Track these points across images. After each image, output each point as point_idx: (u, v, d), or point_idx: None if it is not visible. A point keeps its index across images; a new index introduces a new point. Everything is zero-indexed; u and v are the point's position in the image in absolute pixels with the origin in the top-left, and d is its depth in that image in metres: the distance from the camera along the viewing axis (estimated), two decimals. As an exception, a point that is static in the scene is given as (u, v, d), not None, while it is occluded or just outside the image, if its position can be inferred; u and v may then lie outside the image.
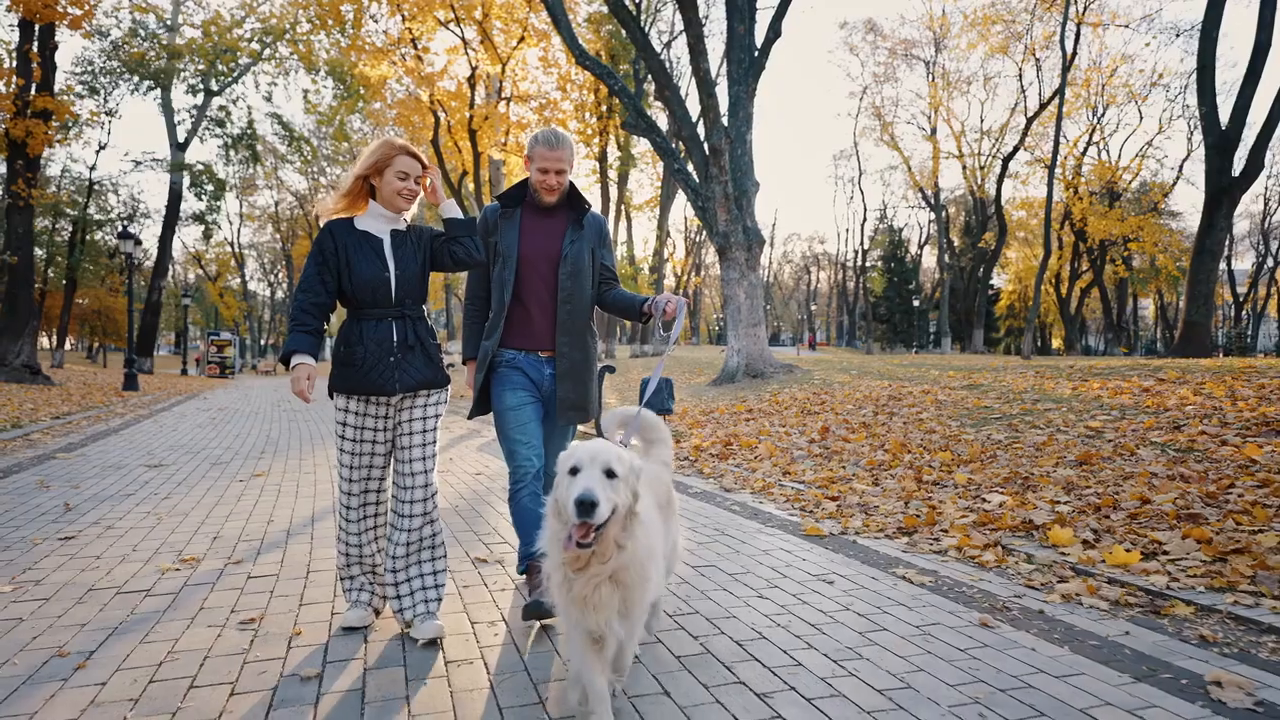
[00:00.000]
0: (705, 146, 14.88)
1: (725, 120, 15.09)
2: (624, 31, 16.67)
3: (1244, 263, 56.27)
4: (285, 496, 5.43)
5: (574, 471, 1.88)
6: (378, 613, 2.90)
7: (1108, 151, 42.22)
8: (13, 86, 17.87)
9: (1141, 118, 44.82)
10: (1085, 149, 40.21)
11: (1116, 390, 8.40)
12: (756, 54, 15.29)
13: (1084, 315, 58.95)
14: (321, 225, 2.83)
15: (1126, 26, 30.59)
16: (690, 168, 15.65)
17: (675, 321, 2.77)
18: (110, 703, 2.16)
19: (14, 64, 18.34)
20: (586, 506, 1.79)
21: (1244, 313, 51.61)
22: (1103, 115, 38.71)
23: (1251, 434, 5.71)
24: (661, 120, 26.14)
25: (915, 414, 8.52)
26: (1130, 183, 42.03)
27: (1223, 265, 51.40)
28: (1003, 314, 53.93)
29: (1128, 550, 3.64)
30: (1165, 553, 3.67)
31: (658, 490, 2.35)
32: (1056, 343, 53.35)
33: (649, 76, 16.94)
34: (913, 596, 3.19)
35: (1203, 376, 8.74)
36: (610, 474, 1.87)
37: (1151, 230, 38.17)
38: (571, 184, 3.06)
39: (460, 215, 2.84)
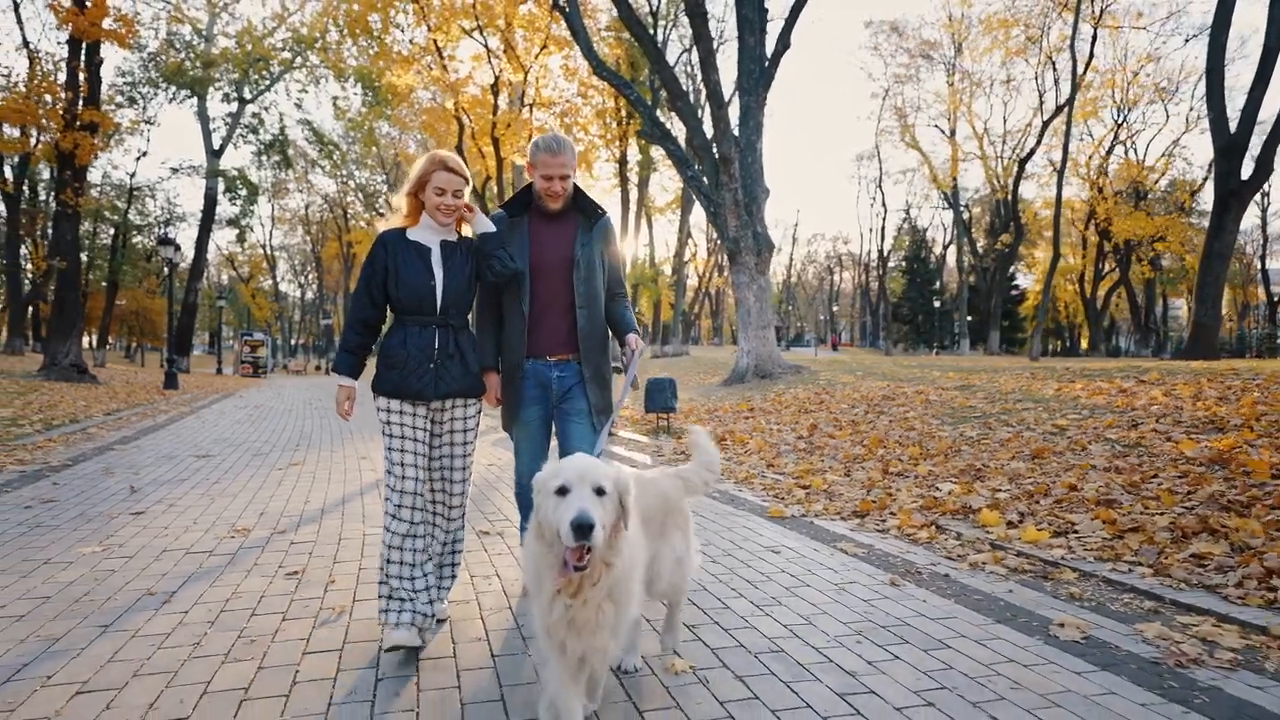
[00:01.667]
0: (716, 154, 15.45)
1: (736, 129, 15.67)
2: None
3: (1278, 262, 55.60)
4: (319, 482, 6.15)
5: (562, 491, 1.80)
6: (422, 631, 2.72)
7: (1134, 150, 42.07)
8: (61, 101, 18.91)
9: (1168, 117, 44.55)
10: (1110, 148, 40.13)
11: (1095, 391, 8.86)
12: (766, 64, 15.86)
13: (1113, 316, 58.57)
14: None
15: (1144, 29, 30.57)
16: (703, 174, 16.25)
17: (632, 361, 2.89)
18: (193, 624, 2.85)
19: (63, 79, 19.40)
20: (585, 529, 1.69)
21: (1279, 314, 50.94)
22: (1127, 114, 38.62)
23: (1197, 431, 6.19)
24: (679, 128, 26.74)
25: (903, 413, 9.06)
26: (1156, 182, 41.83)
27: (1256, 265, 50.90)
28: (1029, 314, 53.81)
29: (1040, 529, 4.21)
30: (1075, 532, 4.23)
31: (653, 503, 2.30)
32: (1086, 344, 53.11)
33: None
34: (842, 564, 3.79)
35: (1183, 378, 9.15)
36: (600, 491, 1.81)
37: (1178, 230, 37.97)
38: (577, 187, 3.06)
39: (491, 229, 2.90)
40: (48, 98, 19.57)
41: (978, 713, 2.20)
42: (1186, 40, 29.91)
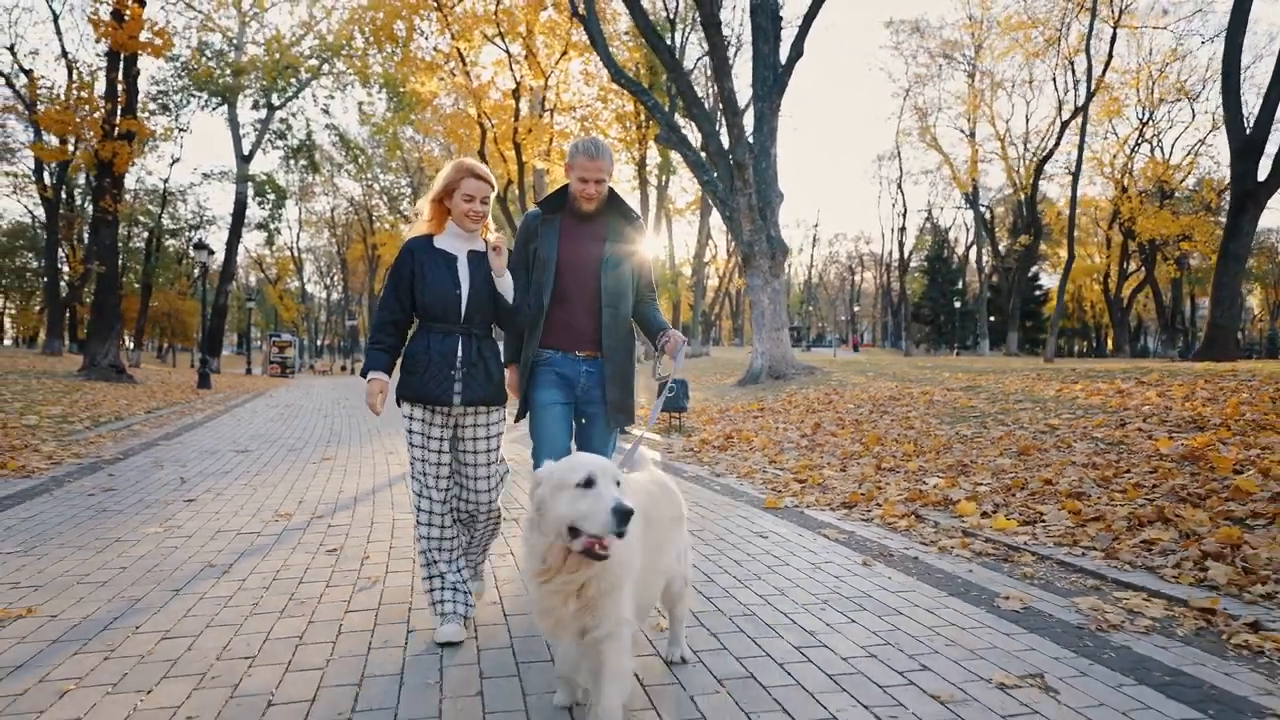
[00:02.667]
0: (730, 160, 15.83)
1: (750, 135, 16.04)
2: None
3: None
4: (350, 475, 6.65)
5: (589, 484, 1.87)
6: (466, 619, 2.88)
7: (1160, 149, 41.71)
8: (100, 111, 19.71)
9: (1194, 115, 44.08)
10: (1136, 146, 39.86)
11: (1093, 392, 9.15)
12: (780, 71, 16.21)
13: (1141, 316, 58.05)
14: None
15: (1165, 29, 30.49)
16: (718, 180, 16.64)
17: (677, 356, 3.00)
18: (252, 589, 3.33)
19: (101, 89, 20.20)
20: (628, 515, 1.79)
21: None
22: (1153, 113, 38.31)
23: (1179, 430, 6.50)
24: (696, 134, 27.11)
25: (905, 413, 9.40)
26: (1182, 181, 41.46)
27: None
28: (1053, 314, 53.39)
29: (1009, 518, 4.58)
30: (1043, 521, 4.59)
31: (669, 499, 2.43)
32: (1112, 345, 52.72)
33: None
34: (823, 547, 4.19)
35: (1182, 379, 9.39)
36: (617, 485, 1.90)
37: (1204, 229, 37.65)
38: (612, 190, 3.13)
39: (509, 300, 2.93)
40: (86, 108, 20.40)
41: (911, 662, 2.60)
42: (1203, 42, 29.91)
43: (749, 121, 16.74)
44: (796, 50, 16.22)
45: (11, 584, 3.34)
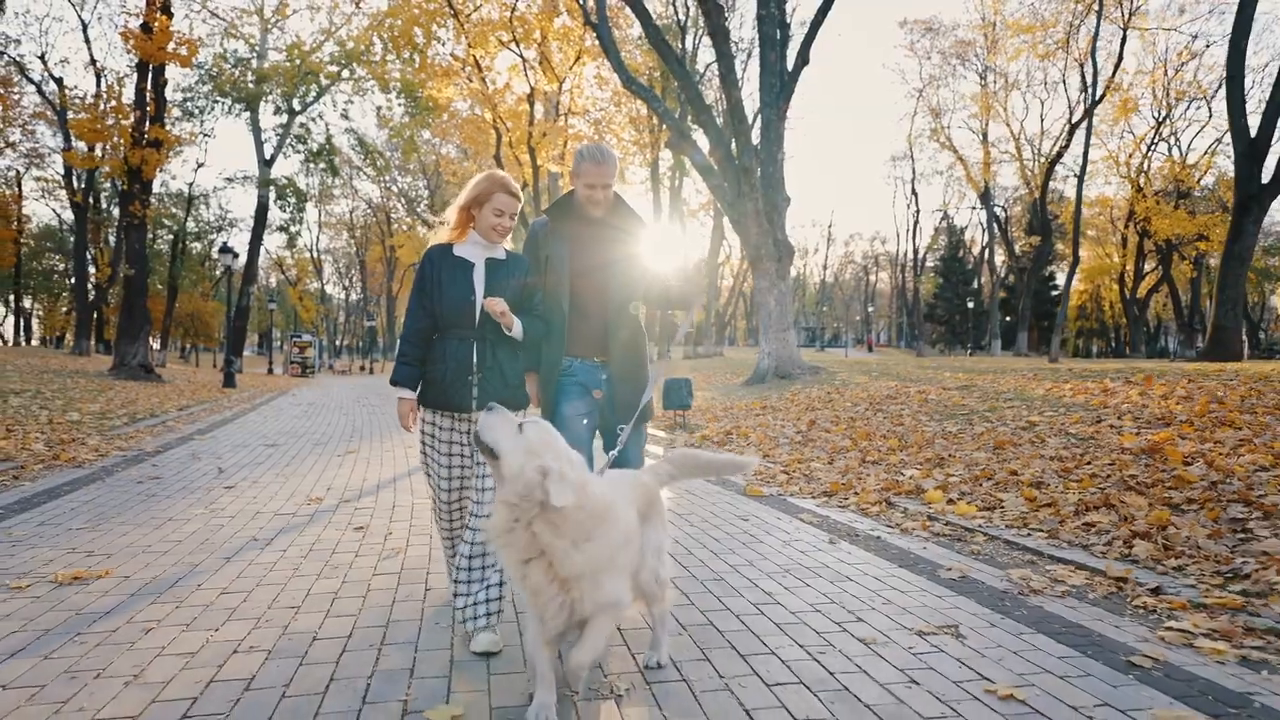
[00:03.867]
0: (737, 165, 16.27)
1: (758, 141, 16.49)
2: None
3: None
4: (373, 466, 7.19)
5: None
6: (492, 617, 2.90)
7: (1179, 147, 41.61)
8: (130, 120, 20.47)
9: (1210, 114, 43.93)
10: (1153, 144, 39.80)
11: (1080, 390, 9.53)
12: (786, 79, 16.65)
13: (1160, 317, 57.84)
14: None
15: (1175, 30, 30.59)
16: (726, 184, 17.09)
17: (689, 312, 3.11)
18: (291, 558, 3.86)
19: (129, 97, 20.99)
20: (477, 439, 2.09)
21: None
22: (1169, 112, 38.27)
23: (1147, 427, 6.90)
24: (705, 140, 27.53)
25: (898, 410, 9.83)
26: (1199, 180, 41.35)
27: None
28: (1072, 315, 53.41)
29: (970, 504, 5.03)
30: (1001, 506, 5.04)
31: (637, 495, 2.46)
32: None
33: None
34: (795, 528, 4.66)
35: (1167, 379, 9.74)
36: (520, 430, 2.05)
37: (1221, 229, 37.57)
38: (618, 195, 3.18)
39: (519, 337, 2.99)
40: (115, 116, 21.20)
41: (848, 616, 3.08)
42: (1208, 45, 29.90)
43: (757, 128, 17.18)
44: (802, 58, 16.66)
45: (86, 553, 3.89)
